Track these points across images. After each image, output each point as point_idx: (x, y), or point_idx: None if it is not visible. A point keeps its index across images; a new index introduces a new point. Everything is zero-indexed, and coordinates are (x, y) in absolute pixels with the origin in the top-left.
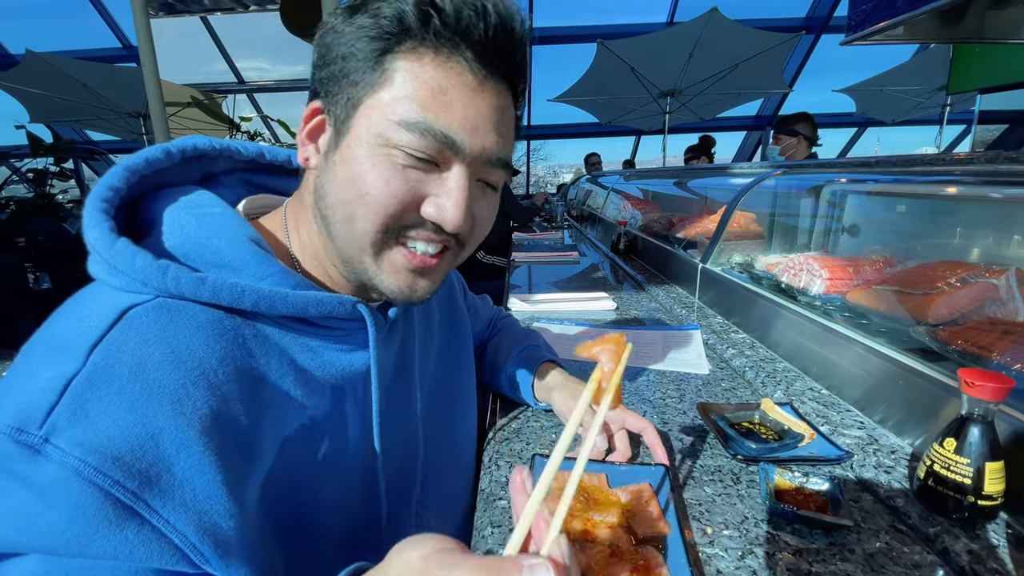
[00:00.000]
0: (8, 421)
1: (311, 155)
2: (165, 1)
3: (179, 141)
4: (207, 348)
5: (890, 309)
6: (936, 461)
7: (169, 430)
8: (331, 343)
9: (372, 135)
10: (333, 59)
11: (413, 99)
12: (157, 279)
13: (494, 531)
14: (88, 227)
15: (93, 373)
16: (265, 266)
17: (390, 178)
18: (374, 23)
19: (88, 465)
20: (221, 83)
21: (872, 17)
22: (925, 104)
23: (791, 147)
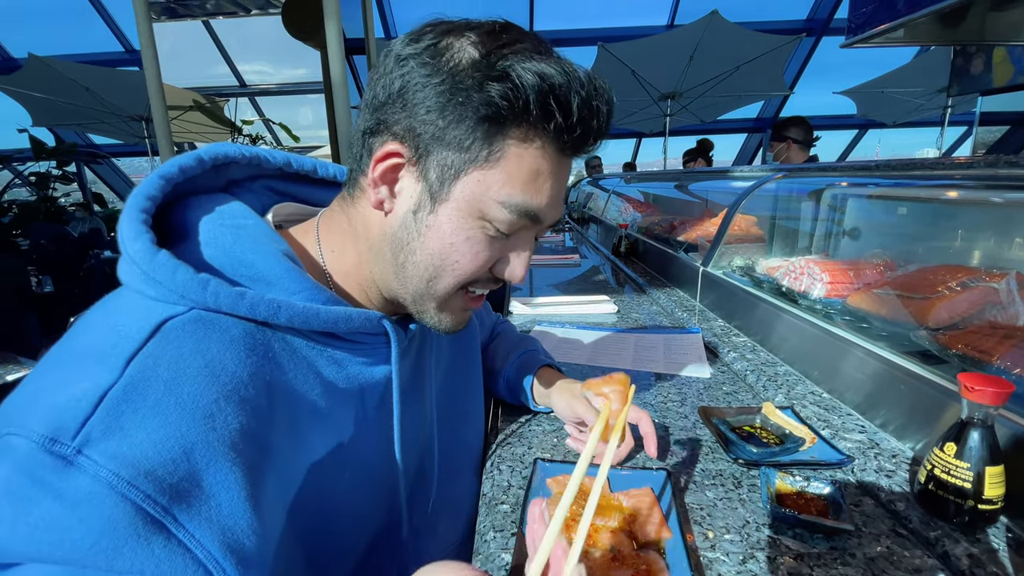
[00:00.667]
0: (40, 431)
1: (385, 199)
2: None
3: (211, 149)
4: (239, 362)
5: (891, 313)
6: (936, 465)
7: (200, 445)
8: (355, 355)
9: (472, 207)
10: (423, 110)
11: (515, 182)
12: (197, 293)
13: (496, 535)
14: (129, 238)
15: (129, 386)
16: (298, 281)
17: (479, 251)
18: (484, 100)
19: (122, 479)
20: (223, 87)
21: (872, 19)
22: (926, 106)
23: (782, 152)
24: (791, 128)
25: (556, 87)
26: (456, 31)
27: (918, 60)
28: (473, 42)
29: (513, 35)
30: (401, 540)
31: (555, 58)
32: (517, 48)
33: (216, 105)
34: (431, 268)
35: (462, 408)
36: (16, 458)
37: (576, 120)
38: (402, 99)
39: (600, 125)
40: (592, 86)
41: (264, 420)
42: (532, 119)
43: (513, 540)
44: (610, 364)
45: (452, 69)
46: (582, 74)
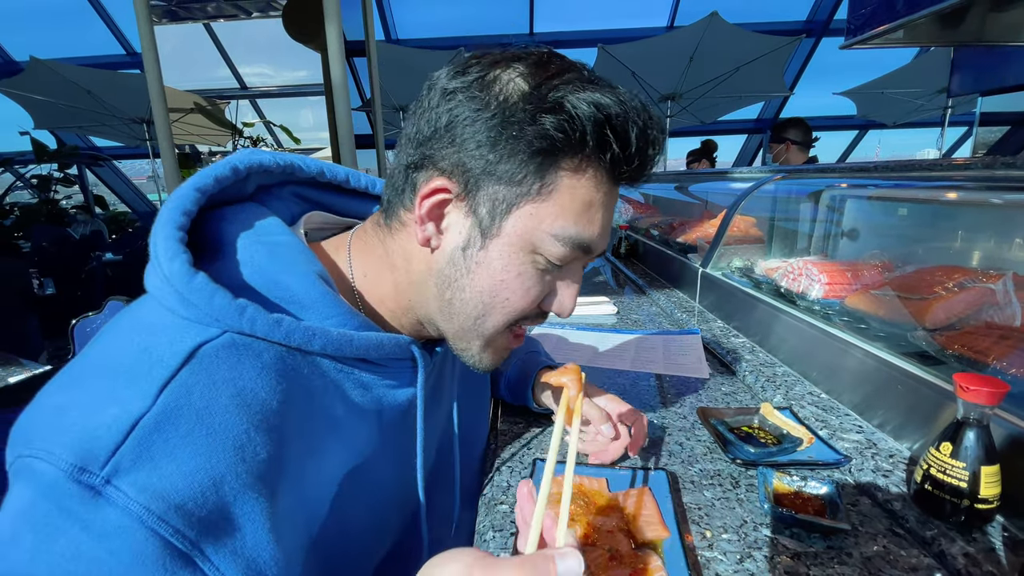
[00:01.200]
0: (69, 458)
1: (432, 236)
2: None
3: (244, 158)
4: (270, 390)
5: (888, 314)
6: (932, 465)
7: (230, 477)
8: (381, 378)
9: (524, 242)
10: (472, 145)
11: (568, 214)
12: (233, 318)
13: (495, 535)
14: (165, 257)
15: (162, 415)
16: (332, 306)
17: (531, 286)
18: (537, 133)
19: (152, 513)
20: (224, 89)
21: (872, 21)
22: (926, 106)
23: (781, 154)
24: (790, 129)
25: (613, 117)
26: (502, 63)
27: (918, 61)
28: (521, 73)
29: (561, 64)
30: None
31: (608, 87)
32: (567, 78)
33: (217, 107)
34: (480, 305)
35: (475, 422)
36: (42, 484)
37: (635, 151)
38: (450, 134)
39: (656, 154)
40: (648, 114)
41: (291, 447)
42: (588, 150)
43: (512, 540)
44: (609, 365)
45: (502, 102)
46: (637, 102)
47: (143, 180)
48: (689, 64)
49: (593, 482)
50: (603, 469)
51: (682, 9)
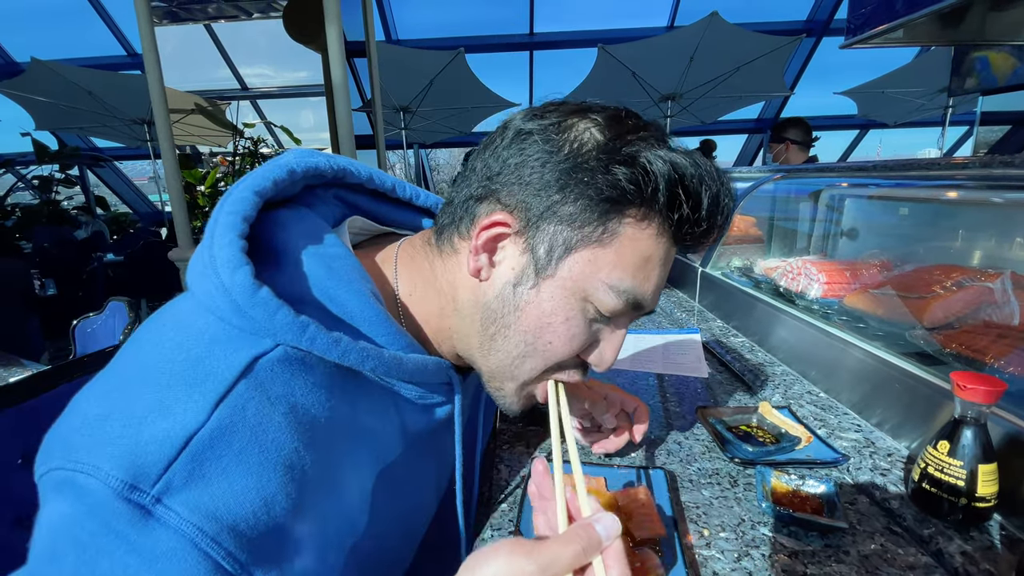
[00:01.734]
0: (118, 475)
1: (484, 267)
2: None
3: (302, 161)
4: (321, 407)
5: (887, 313)
6: (930, 464)
7: (280, 497)
8: (420, 398)
9: (578, 287)
10: (542, 186)
11: (626, 266)
12: (293, 335)
13: (494, 534)
14: (226, 268)
15: (217, 430)
16: (384, 325)
17: (576, 334)
18: (609, 181)
19: (205, 535)
20: (225, 90)
21: (871, 20)
22: (927, 106)
23: (781, 153)
24: (790, 129)
25: (687, 177)
26: (580, 112)
27: (919, 60)
28: (598, 124)
29: (638, 122)
30: None
31: (683, 150)
32: (643, 135)
33: (218, 108)
34: (522, 345)
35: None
36: (88, 502)
37: (705, 215)
38: (519, 172)
39: (724, 221)
40: (722, 182)
41: (337, 465)
42: (657, 207)
43: (510, 537)
44: None
45: (576, 149)
46: (713, 169)
47: (144, 181)
48: (689, 64)
49: (591, 480)
50: (601, 467)
51: (682, 9)
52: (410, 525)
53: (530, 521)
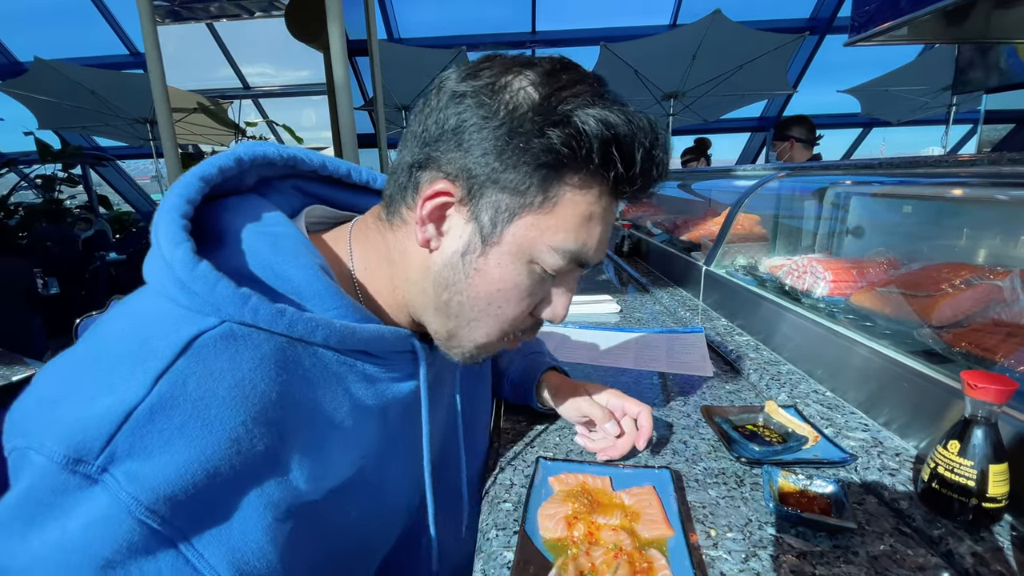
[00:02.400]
0: (62, 450)
1: (432, 238)
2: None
3: (248, 149)
4: (269, 381)
5: (894, 311)
6: (940, 463)
7: (224, 468)
8: (383, 371)
9: (523, 251)
10: (479, 151)
11: (569, 228)
12: (234, 308)
13: (499, 534)
14: (168, 243)
15: (157, 404)
16: (335, 298)
17: (524, 296)
18: (544, 146)
19: (140, 504)
20: (227, 89)
21: (876, 18)
22: (931, 104)
23: (785, 151)
24: (793, 127)
25: (620, 136)
26: (514, 69)
27: (922, 58)
28: (532, 82)
29: (573, 76)
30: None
31: (618, 104)
32: (577, 91)
33: (220, 107)
34: (475, 311)
35: (477, 415)
36: (35, 475)
37: (639, 171)
38: (457, 137)
39: (659, 175)
40: (655, 135)
41: (290, 441)
42: (592, 167)
43: (515, 538)
44: (612, 363)
45: (511, 111)
46: (645, 123)
47: (146, 180)
48: (692, 62)
49: (597, 480)
50: (607, 468)
51: (685, 7)
52: (382, 505)
53: (535, 521)
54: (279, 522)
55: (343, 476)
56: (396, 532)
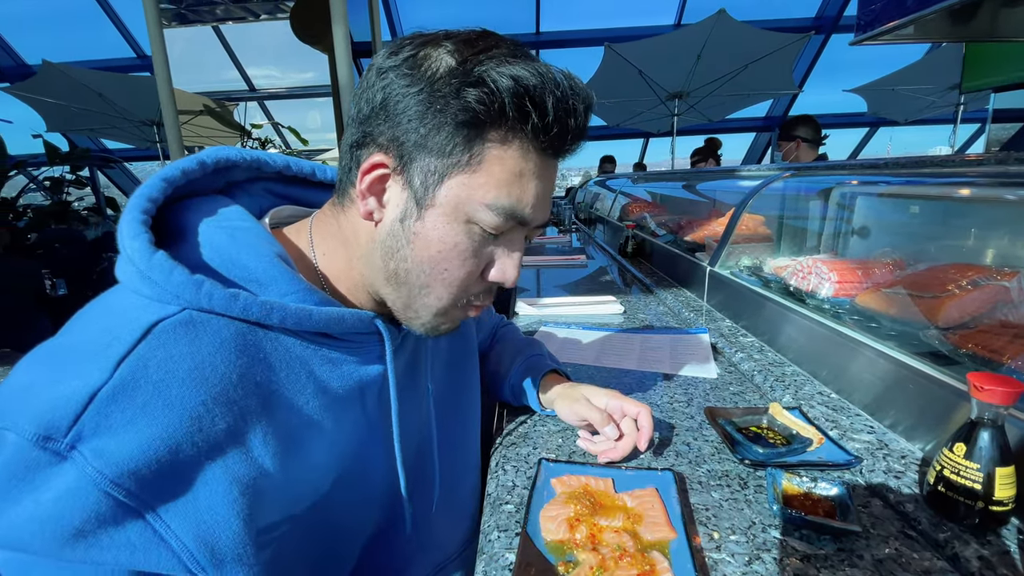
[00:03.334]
0: (33, 428)
1: (374, 210)
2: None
3: (212, 153)
4: (229, 364)
5: (900, 312)
6: (946, 466)
7: (186, 445)
8: (348, 355)
9: (458, 212)
10: (406, 122)
11: (499, 184)
12: (191, 294)
13: (500, 535)
14: (127, 237)
15: (119, 386)
16: (291, 283)
17: (467, 257)
18: (462, 106)
19: (105, 477)
20: (233, 91)
21: (881, 17)
22: (938, 103)
23: (791, 152)
24: (799, 127)
25: (531, 88)
26: (433, 41)
27: (929, 57)
28: (449, 51)
29: (489, 42)
30: (405, 537)
31: (530, 61)
32: (492, 54)
33: (226, 109)
34: (423, 276)
35: (461, 406)
36: (7, 452)
37: (552, 119)
38: (385, 110)
39: (578, 123)
40: (568, 85)
41: (253, 421)
42: (509, 121)
43: (517, 540)
44: (615, 364)
45: (430, 78)
46: (557, 74)
47: None
48: (697, 62)
49: (599, 482)
50: (609, 469)
51: (689, 7)
52: (356, 486)
53: (537, 523)
54: (245, 497)
55: (315, 455)
56: (374, 512)
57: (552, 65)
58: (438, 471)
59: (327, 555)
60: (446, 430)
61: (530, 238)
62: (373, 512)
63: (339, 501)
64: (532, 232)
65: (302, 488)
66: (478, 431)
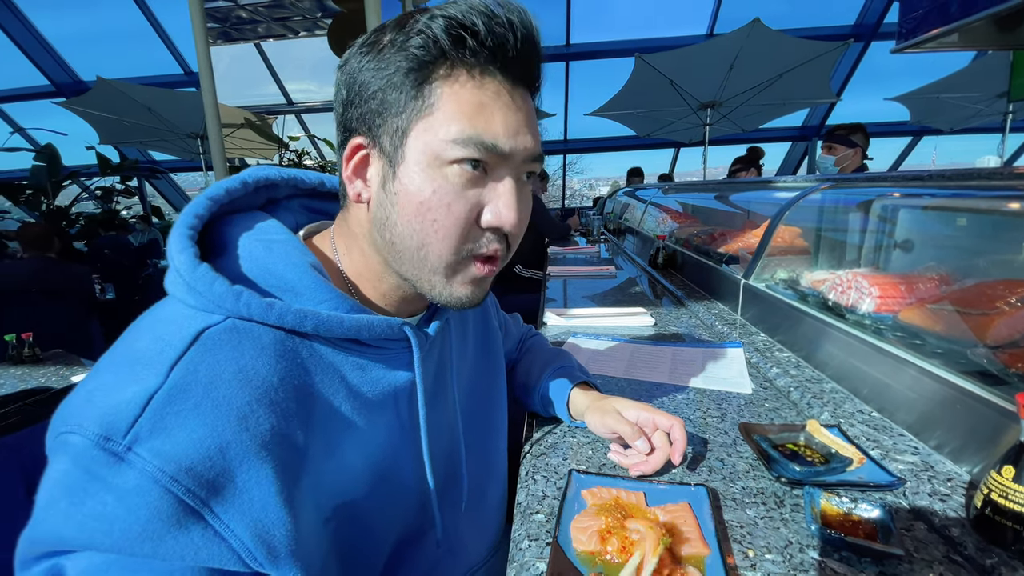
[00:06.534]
0: (96, 430)
1: (361, 190)
2: (223, 30)
3: (253, 172)
4: (270, 368)
5: (946, 329)
6: (993, 489)
7: (234, 444)
8: (378, 361)
9: (427, 157)
10: (368, 96)
11: (460, 117)
12: (231, 303)
13: (531, 544)
14: (176, 251)
15: (172, 390)
16: (324, 291)
17: (451, 201)
18: (405, 55)
19: (165, 474)
20: (272, 104)
21: (924, 24)
22: (985, 111)
23: (847, 158)
24: (857, 133)
25: (458, 16)
26: (380, 30)
27: (976, 64)
28: (394, 27)
29: (428, 10)
30: (434, 542)
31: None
32: (429, 12)
33: (265, 122)
34: (415, 234)
35: (487, 411)
36: (73, 454)
37: (486, 33)
38: (350, 97)
39: (516, 35)
40: (500, 4)
41: (293, 421)
42: (448, 54)
43: (548, 549)
44: (646, 377)
45: (380, 48)
46: (491, 4)
47: (195, 192)
48: (729, 71)
49: (631, 495)
50: (641, 483)
51: (722, 17)
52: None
53: (568, 533)
54: (293, 495)
55: (348, 458)
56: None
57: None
58: (466, 477)
59: (358, 557)
60: (473, 436)
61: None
62: (403, 515)
63: (371, 503)
64: (521, 167)
65: (338, 489)
66: (505, 439)
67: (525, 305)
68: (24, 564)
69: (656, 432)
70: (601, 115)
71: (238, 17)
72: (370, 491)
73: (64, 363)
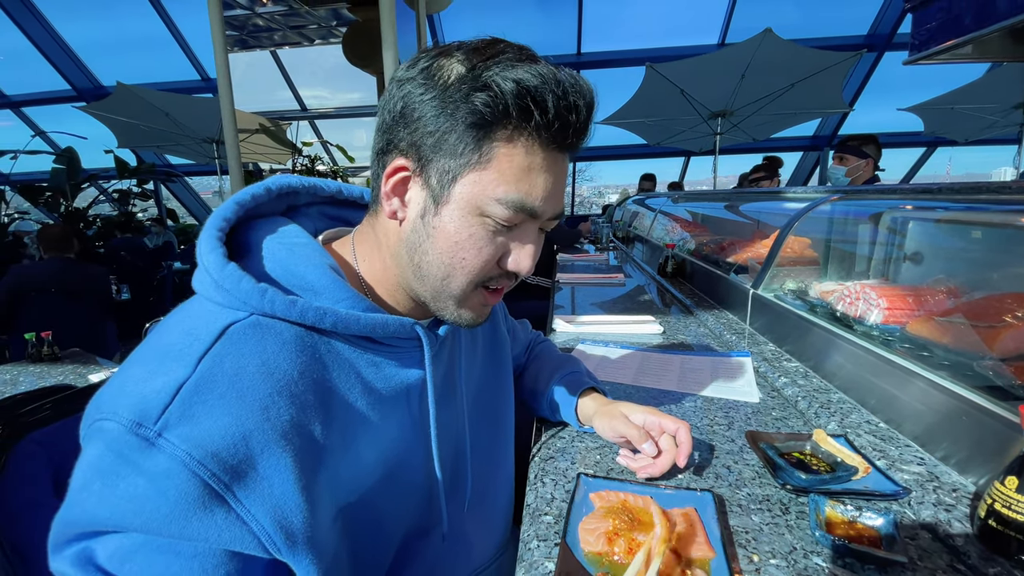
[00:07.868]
0: (129, 416)
1: (398, 209)
2: (240, 37)
3: (276, 180)
4: (291, 362)
5: (954, 341)
6: (997, 500)
7: (257, 433)
8: (391, 358)
9: (471, 207)
10: (421, 125)
11: (508, 180)
12: (256, 300)
13: (540, 544)
14: (206, 250)
15: (200, 380)
16: (341, 291)
17: (483, 246)
18: (470, 109)
19: (193, 458)
20: (286, 110)
21: (937, 36)
22: (1001, 123)
23: (858, 169)
24: (870, 144)
25: (532, 89)
26: (446, 52)
27: (991, 75)
28: (459, 59)
29: (496, 48)
30: (441, 538)
31: (534, 63)
32: (499, 59)
33: (279, 128)
34: (443, 267)
35: (494, 414)
36: (107, 439)
37: (553, 116)
38: (404, 118)
39: (579, 119)
40: (570, 83)
41: (312, 413)
42: (514, 121)
43: (556, 550)
44: (654, 384)
45: (443, 85)
46: (560, 75)
47: (209, 195)
48: (741, 81)
49: (638, 499)
50: (648, 487)
51: (734, 26)
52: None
53: (576, 535)
54: (311, 484)
55: (362, 452)
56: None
57: (559, 66)
58: (470, 475)
59: (368, 549)
60: (479, 437)
61: (544, 229)
62: (411, 510)
63: (382, 497)
64: (546, 223)
65: (352, 482)
66: (512, 443)
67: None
68: (56, 547)
69: (662, 435)
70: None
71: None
72: (381, 485)
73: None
